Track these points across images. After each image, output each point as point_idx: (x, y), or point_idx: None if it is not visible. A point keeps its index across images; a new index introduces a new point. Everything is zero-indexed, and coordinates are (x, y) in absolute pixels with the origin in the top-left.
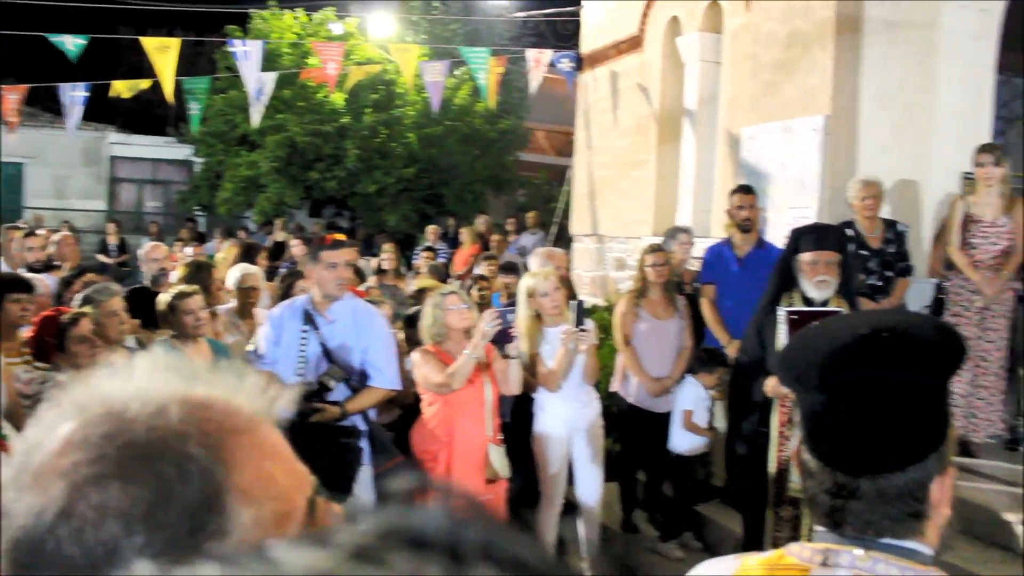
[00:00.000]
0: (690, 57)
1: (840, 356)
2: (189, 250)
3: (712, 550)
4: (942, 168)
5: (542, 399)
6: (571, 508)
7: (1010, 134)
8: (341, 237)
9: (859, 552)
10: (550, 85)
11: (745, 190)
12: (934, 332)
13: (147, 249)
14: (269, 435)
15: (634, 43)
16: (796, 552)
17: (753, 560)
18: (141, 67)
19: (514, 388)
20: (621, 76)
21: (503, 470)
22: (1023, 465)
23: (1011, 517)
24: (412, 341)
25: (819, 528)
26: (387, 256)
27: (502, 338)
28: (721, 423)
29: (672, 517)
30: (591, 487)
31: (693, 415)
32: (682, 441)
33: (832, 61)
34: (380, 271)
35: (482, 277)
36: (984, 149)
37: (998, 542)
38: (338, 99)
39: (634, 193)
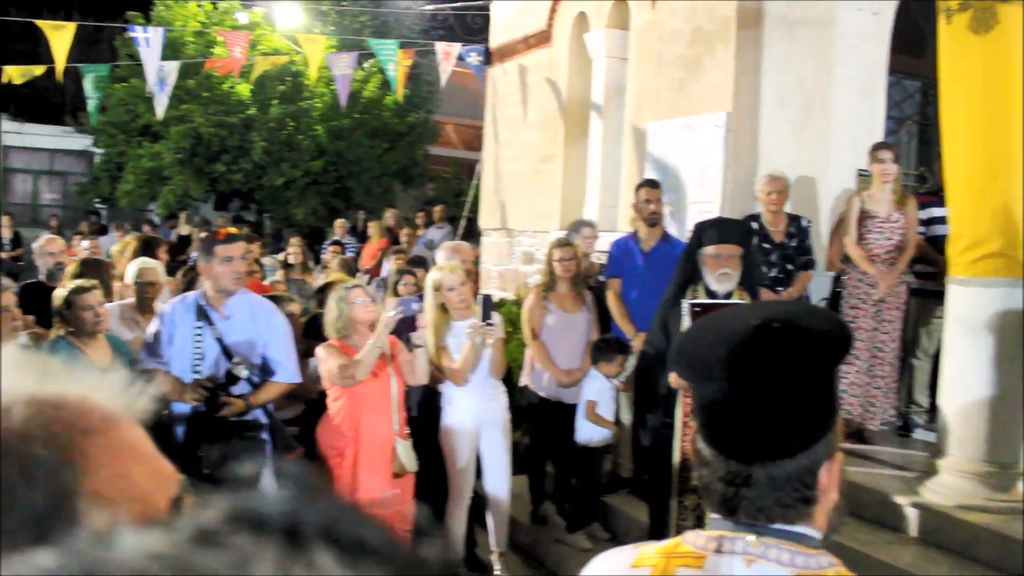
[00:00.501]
0: (597, 53)
1: (732, 347)
2: (86, 244)
3: (619, 539)
4: (839, 165)
5: (449, 393)
6: (480, 501)
7: (901, 133)
8: (235, 230)
9: (751, 538)
10: (460, 79)
11: (651, 184)
12: (822, 322)
13: (42, 242)
14: (129, 434)
15: (543, 38)
16: (691, 540)
17: (651, 549)
18: (37, 54)
19: (421, 378)
20: (530, 71)
21: (410, 464)
22: (916, 450)
23: (901, 500)
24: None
25: (714, 516)
26: (294, 250)
27: (406, 329)
28: (627, 414)
29: (579, 508)
30: (499, 480)
31: (597, 406)
32: (587, 432)
33: (734, 59)
34: (287, 265)
35: (410, 272)
36: (882, 146)
37: (889, 524)
38: (244, 90)
39: (542, 187)
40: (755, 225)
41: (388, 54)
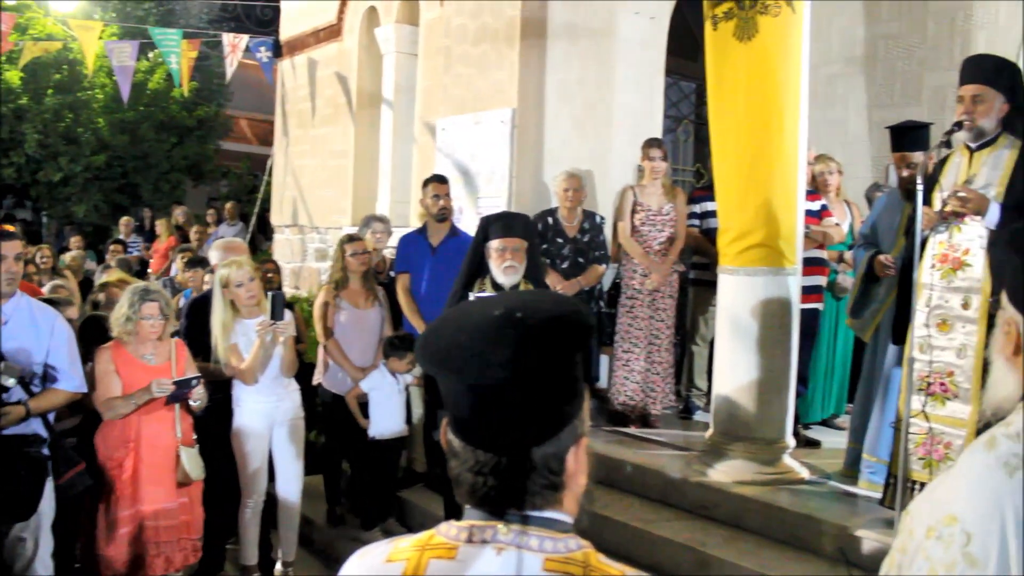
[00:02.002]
0: (387, 48)
1: (475, 337)
2: None
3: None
4: (619, 161)
5: (239, 394)
6: (274, 504)
7: (678, 132)
8: (10, 228)
9: (501, 526)
10: (255, 72)
11: (439, 180)
12: (565, 310)
13: None
14: None
15: (333, 32)
16: (444, 531)
17: (405, 543)
18: None
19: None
20: (320, 64)
21: (195, 472)
22: (697, 431)
23: (681, 478)
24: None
25: (467, 506)
26: (74, 251)
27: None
28: (419, 409)
29: (375, 504)
30: (291, 482)
31: (386, 401)
32: (379, 427)
33: (519, 57)
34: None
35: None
36: (652, 144)
37: (671, 502)
38: (13, 77)
39: (334, 183)
40: (550, 220)
41: (171, 45)
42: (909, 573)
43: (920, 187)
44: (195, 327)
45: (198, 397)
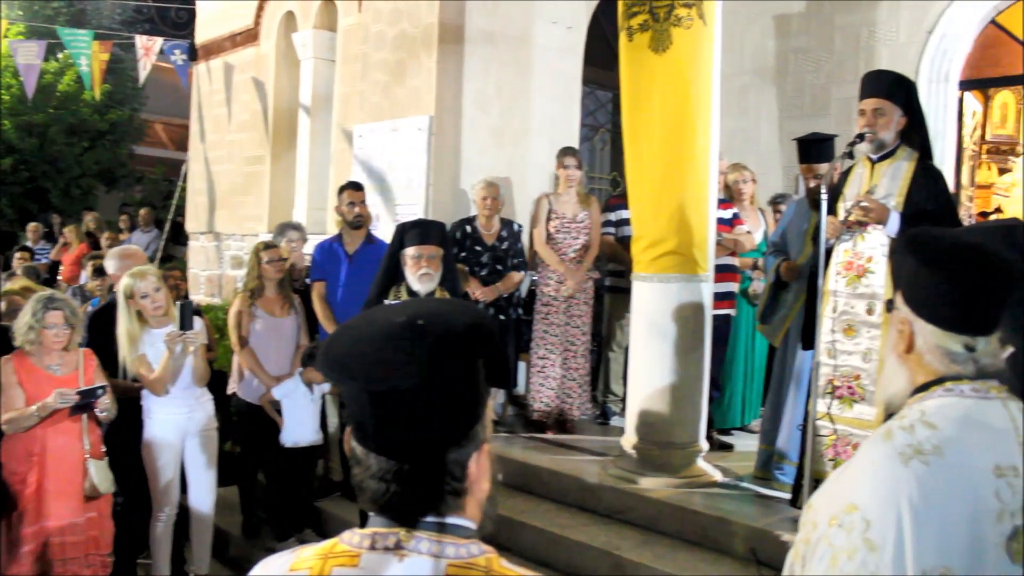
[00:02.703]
0: (305, 53)
1: (377, 345)
2: None
3: None
4: (537, 169)
5: (149, 405)
6: (187, 517)
7: (595, 140)
8: None
9: (403, 533)
10: (168, 75)
11: (354, 187)
12: (467, 317)
13: None
14: None
15: (250, 36)
16: (348, 539)
17: (309, 551)
18: None
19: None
20: (237, 69)
21: (104, 485)
22: (613, 436)
23: (597, 483)
24: None
25: (371, 513)
26: None
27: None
28: (335, 418)
29: (291, 514)
30: (204, 494)
31: (299, 409)
32: (294, 435)
33: (436, 65)
34: None
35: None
36: (567, 152)
37: (588, 507)
38: None
39: (250, 189)
40: (468, 228)
41: (81, 46)
42: (812, 562)
43: (825, 197)
44: (99, 339)
45: (105, 408)
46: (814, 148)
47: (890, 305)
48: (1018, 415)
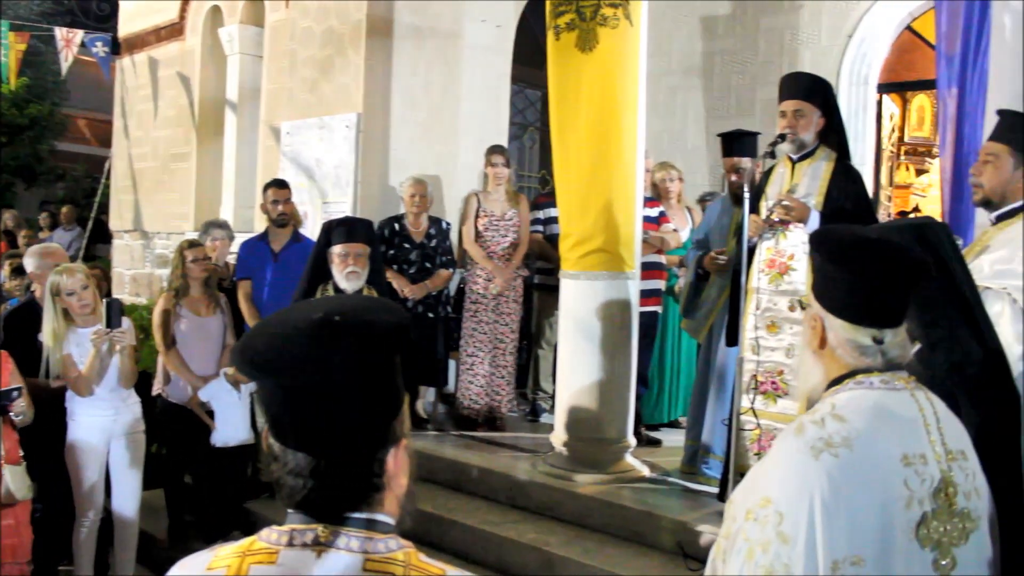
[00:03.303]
0: (232, 49)
1: (294, 341)
2: None
3: None
4: (466, 167)
5: (73, 407)
6: (112, 521)
7: (524, 138)
8: None
9: (322, 529)
10: (92, 69)
11: (278, 184)
12: (384, 314)
13: None
14: None
15: (175, 31)
16: (265, 536)
17: (227, 550)
18: None
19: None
20: (162, 64)
21: (21, 491)
22: (543, 433)
23: (526, 480)
24: None
25: (289, 510)
26: None
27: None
28: (263, 418)
29: (220, 516)
30: (128, 498)
31: (227, 410)
32: (224, 435)
33: (364, 62)
34: None
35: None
36: (495, 151)
37: (518, 504)
38: None
39: (176, 187)
40: (397, 226)
41: None
42: (731, 556)
43: (747, 195)
44: (17, 339)
45: (20, 411)
46: (736, 142)
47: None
48: (925, 404)
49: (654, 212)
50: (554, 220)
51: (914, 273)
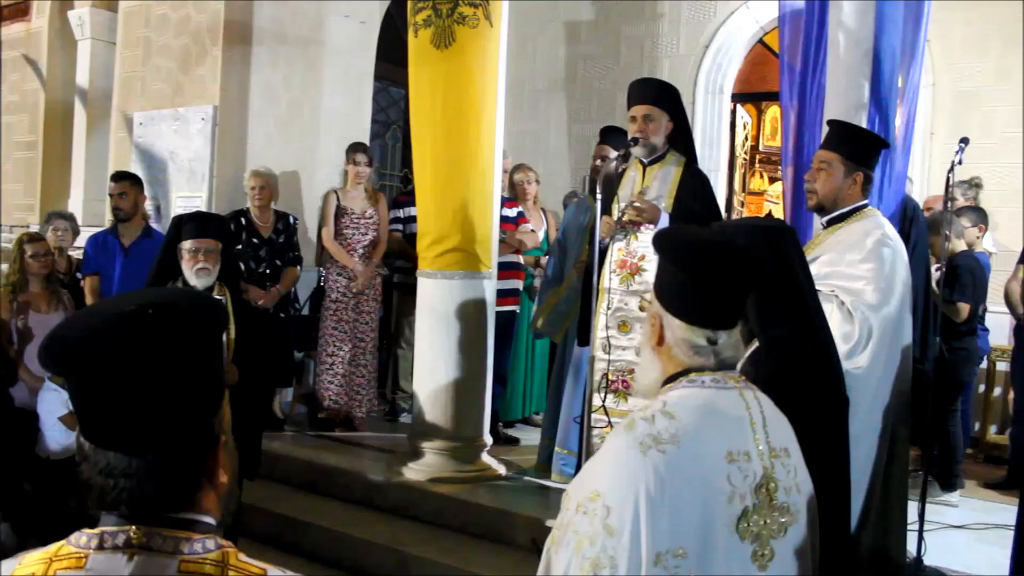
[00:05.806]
0: (82, 33)
1: (103, 336)
2: None
3: None
4: (326, 164)
5: None
6: None
7: (387, 137)
8: None
9: (134, 531)
10: None
11: (116, 177)
12: (198, 306)
13: None
14: None
15: (20, 11)
16: (74, 540)
17: (33, 556)
18: None
19: None
20: (5, 45)
21: None
22: (402, 433)
23: (382, 480)
24: None
25: (102, 513)
26: None
27: None
28: None
29: (58, 524)
30: None
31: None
32: (59, 440)
33: (222, 53)
34: None
35: None
36: (356, 148)
37: (374, 504)
38: None
39: (21, 177)
40: (243, 220)
41: None
42: (560, 547)
43: (599, 197)
44: None
45: None
46: (613, 135)
47: None
48: (753, 403)
49: (513, 212)
50: (414, 219)
51: (750, 276)
